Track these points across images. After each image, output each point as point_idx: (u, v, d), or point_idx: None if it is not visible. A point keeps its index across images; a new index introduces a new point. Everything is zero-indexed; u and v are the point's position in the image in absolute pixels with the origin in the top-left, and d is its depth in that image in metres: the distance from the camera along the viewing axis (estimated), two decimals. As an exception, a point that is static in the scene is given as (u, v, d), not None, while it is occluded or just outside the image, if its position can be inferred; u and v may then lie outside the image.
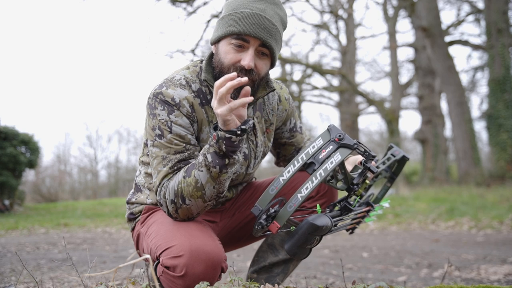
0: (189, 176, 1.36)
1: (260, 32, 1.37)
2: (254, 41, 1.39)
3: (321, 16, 17.43)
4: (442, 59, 12.23)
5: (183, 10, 11.98)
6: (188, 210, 1.40)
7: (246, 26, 1.37)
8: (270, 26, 1.39)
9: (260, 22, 1.37)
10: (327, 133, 1.26)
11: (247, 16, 1.38)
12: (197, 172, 1.35)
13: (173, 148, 1.41)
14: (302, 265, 3.36)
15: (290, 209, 1.18)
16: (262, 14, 1.38)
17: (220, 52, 1.44)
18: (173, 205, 1.39)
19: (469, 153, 11.93)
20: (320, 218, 1.19)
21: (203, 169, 1.34)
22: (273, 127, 1.68)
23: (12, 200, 10.60)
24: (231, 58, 1.41)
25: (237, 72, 1.39)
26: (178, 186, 1.37)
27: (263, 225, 1.19)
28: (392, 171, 1.71)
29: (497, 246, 4.13)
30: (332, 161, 1.21)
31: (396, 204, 8.16)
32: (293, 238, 1.20)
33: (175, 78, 1.48)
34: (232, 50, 1.41)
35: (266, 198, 1.20)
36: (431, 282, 2.66)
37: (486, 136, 13.88)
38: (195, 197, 1.37)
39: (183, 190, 1.36)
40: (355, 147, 1.24)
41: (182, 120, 1.43)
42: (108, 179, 24.98)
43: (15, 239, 5.69)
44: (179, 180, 1.37)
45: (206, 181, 1.35)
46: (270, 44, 1.40)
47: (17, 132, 10.69)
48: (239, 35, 1.38)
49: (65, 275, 3.03)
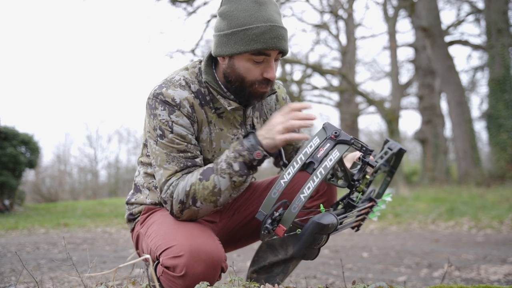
0: (207, 180, 1.37)
1: (280, 44, 1.39)
2: (274, 53, 1.40)
3: (321, 16, 17.45)
4: (442, 59, 12.24)
5: (183, 10, 11.98)
6: (195, 212, 1.41)
7: (267, 42, 1.36)
8: (284, 33, 1.40)
9: (277, 34, 1.38)
10: (323, 131, 1.26)
11: (266, 32, 1.36)
12: (218, 178, 1.37)
13: (175, 148, 1.41)
14: (302, 265, 3.36)
15: (294, 210, 1.17)
16: (275, 24, 1.38)
17: (237, 67, 1.43)
18: (180, 205, 1.39)
19: (469, 153, 11.93)
20: (326, 217, 1.18)
21: (226, 176, 1.36)
22: (271, 127, 1.68)
23: (12, 200, 10.60)
24: (254, 75, 1.42)
25: (258, 84, 1.43)
26: (191, 187, 1.37)
27: (269, 229, 1.18)
28: (391, 165, 1.71)
29: (497, 246, 4.13)
30: (331, 158, 1.20)
31: (396, 204, 8.16)
32: (300, 239, 1.19)
33: (174, 79, 1.48)
34: (253, 66, 1.41)
35: (269, 202, 1.19)
36: (431, 282, 2.66)
37: (486, 136, 13.88)
38: (208, 201, 1.38)
39: (197, 192, 1.37)
40: (352, 143, 1.24)
41: (183, 120, 1.43)
42: (108, 179, 24.99)
43: (15, 239, 5.69)
44: (192, 182, 1.38)
45: (225, 188, 1.37)
46: (287, 50, 1.43)
47: (17, 132, 10.69)
48: (260, 51, 1.38)
49: (65, 275, 3.03)
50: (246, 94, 1.47)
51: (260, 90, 1.45)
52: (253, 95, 1.46)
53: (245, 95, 1.47)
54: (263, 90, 1.45)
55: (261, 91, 1.45)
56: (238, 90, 1.47)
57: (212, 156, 1.51)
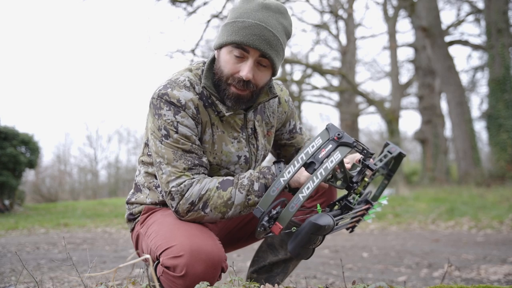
0: (224, 190, 1.38)
1: (260, 44, 1.36)
2: (253, 52, 1.38)
3: (321, 16, 17.46)
4: (442, 59, 12.24)
5: (183, 10, 11.99)
6: (201, 217, 1.41)
7: (246, 37, 1.36)
8: (271, 37, 1.37)
9: (260, 33, 1.36)
10: (325, 132, 1.26)
11: (248, 27, 1.36)
12: (236, 191, 1.38)
13: (180, 148, 1.41)
14: (302, 265, 3.36)
15: (292, 209, 1.17)
16: (264, 25, 1.37)
17: (221, 60, 1.43)
18: (189, 206, 1.39)
19: (469, 153, 11.93)
20: (322, 218, 1.18)
21: (243, 192, 1.38)
22: (273, 130, 1.68)
23: (12, 200, 10.60)
24: (230, 68, 1.41)
25: (234, 83, 1.41)
26: (206, 192, 1.38)
27: (265, 226, 1.18)
28: (389, 168, 1.71)
29: (497, 246, 4.13)
30: (332, 160, 1.20)
31: (396, 204, 8.16)
32: (296, 238, 1.19)
33: (179, 80, 1.47)
34: (232, 60, 1.40)
35: (268, 199, 1.19)
36: (431, 282, 2.66)
37: (486, 136, 13.88)
38: (218, 211, 1.38)
39: (210, 199, 1.37)
40: (354, 145, 1.24)
41: (188, 121, 1.43)
42: (108, 179, 25.00)
43: (15, 239, 5.69)
44: (209, 188, 1.38)
45: (239, 203, 1.38)
46: (270, 56, 1.39)
47: (17, 132, 10.69)
48: (238, 45, 1.37)
49: (65, 275, 3.03)
50: (221, 91, 1.44)
51: (235, 90, 1.42)
52: (227, 93, 1.43)
53: (221, 91, 1.44)
54: (238, 91, 1.42)
55: (236, 92, 1.42)
56: (216, 85, 1.45)
57: (214, 158, 1.50)
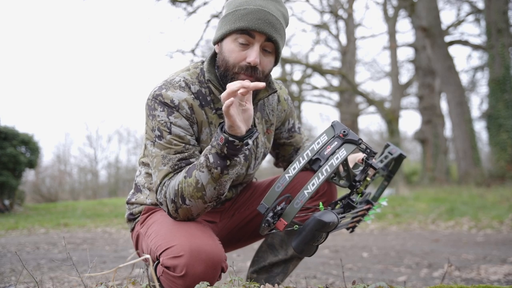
0: (190, 176, 1.36)
1: (266, 27, 1.37)
2: (259, 37, 1.38)
3: (321, 16, 17.48)
4: (442, 59, 12.24)
5: (183, 10, 12.01)
6: (188, 211, 1.40)
7: (251, 22, 1.37)
8: (275, 21, 1.39)
9: (265, 17, 1.37)
10: (331, 129, 1.25)
11: (252, 12, 1.37)
12: (198, 172, 1.35)
13: (172, 149, 1.41)
14: (302, 265, 3.36)
15: (297, 206, 1.16)
16: (266, 9, 1.39)
17: (224, 50, 1.43)
18: (173, 205, 1.39)
19: (469, 153, 11.93)
20: (327, 215, 1.18)
21: (204, 170, 1.34)
22: (273, 128, 1.68)
23: (12, 200, 10.59)
24: (235, 57, 1.40)
25: (242, 71, 1.39)
26: (178, 186, 1.37)
27: (270, 222, 1.18)
28: (389, 169, 1.71)
29: (497, 246, 4.13)
30: (338, 157, 1.19)
31: (396, 204, 8.16)
32: (300, 235, 1.19)
33: (174, 80, 1.48)
34: (237, 48, 1.40)
35: (272, 195, 1.18)
36: (431, 282, 2.66)
37: (486, 136, 13.88)
38: (195, 198, 1.37)
39: (184, 190, 1.36)
40: (359, 143, 1.23)
41: (181, 121, 1.42)
42: (108, 179, 24.98)
43: (15, 239, 5.69)
44: (179, 180, 1.37)
45: (207, 182, 1.34)
46: (276, 39, 1.40)
47: (17, 132, 10.69)
48: (244, 30, 1.38)
49: (65, 275, 3.03)
50: (228, 81, 1.41)
51: (244, 77, 1.40)
52: None
53: (227, 82, 1.41)
54: (248, 78, 1.39)
55: (246, 79, 1.38)
56: (222, 76, 1.44)
57: None
